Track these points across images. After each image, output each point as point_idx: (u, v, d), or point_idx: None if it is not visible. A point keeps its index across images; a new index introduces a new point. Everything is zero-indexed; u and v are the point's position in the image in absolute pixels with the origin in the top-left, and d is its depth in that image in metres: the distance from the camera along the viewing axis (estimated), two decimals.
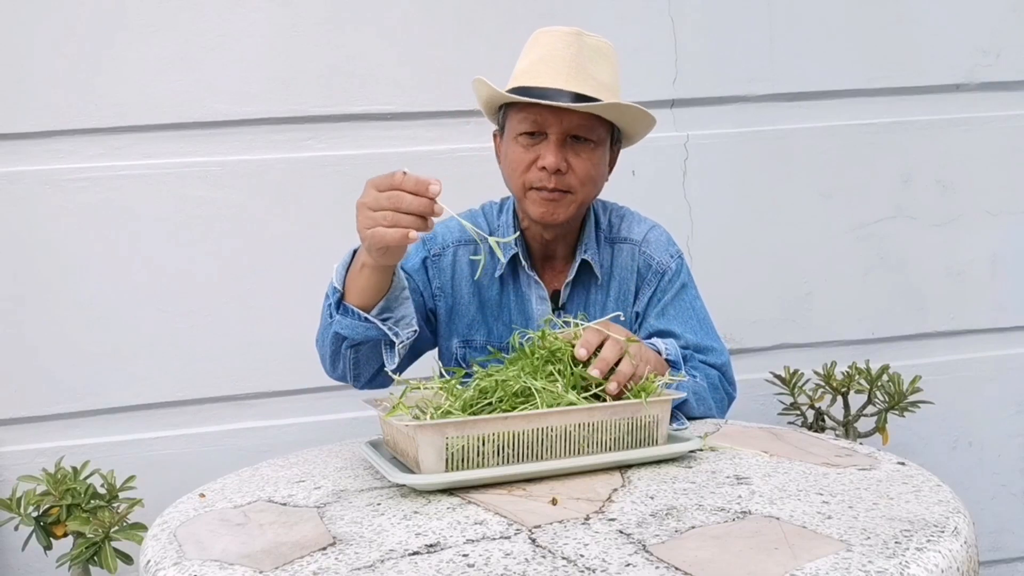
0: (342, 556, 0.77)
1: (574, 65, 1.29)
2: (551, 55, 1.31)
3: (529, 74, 1.32)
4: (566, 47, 1.30)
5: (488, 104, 1.40)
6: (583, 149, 1.33)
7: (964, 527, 0.79)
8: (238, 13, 1.87)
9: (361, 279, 1.18)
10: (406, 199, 1.06)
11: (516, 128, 1.34)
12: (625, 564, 0.72)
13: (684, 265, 1.46)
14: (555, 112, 1.29)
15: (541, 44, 1.34)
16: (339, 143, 1.93)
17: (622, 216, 1.49)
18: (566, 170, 1.31)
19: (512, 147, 1.35)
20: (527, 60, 1.35)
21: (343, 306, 1.21)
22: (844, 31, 2.09)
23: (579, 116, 1.30)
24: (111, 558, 1.38)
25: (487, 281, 1.44)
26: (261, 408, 1.93)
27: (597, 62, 1.32)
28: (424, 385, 1.11)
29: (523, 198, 1.36)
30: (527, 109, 1.31)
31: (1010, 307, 2.21)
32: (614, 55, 1.36)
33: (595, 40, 1.33)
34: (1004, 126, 2.17)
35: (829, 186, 2.12)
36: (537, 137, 1.32)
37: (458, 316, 1.45)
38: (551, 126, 1.30)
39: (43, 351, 1.84)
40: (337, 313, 1.22)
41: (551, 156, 1.30)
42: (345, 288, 1.21)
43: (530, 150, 1.33)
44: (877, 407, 1.84)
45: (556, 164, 1.30)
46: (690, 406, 1.30)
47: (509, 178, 1.38)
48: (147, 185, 1.86)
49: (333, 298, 1.22)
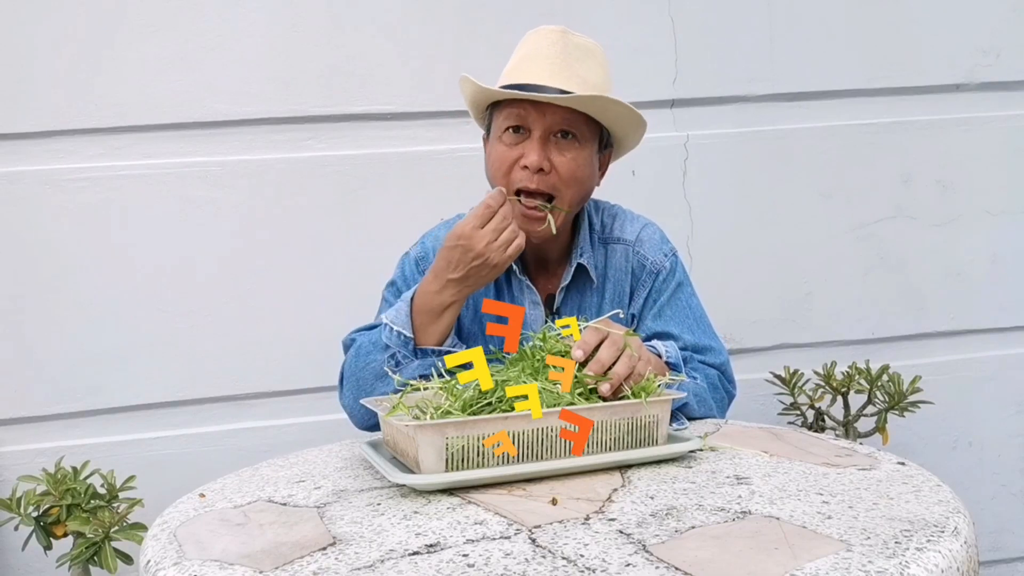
0: (342, 556, 0.77)
1: (559, 62, 1.29)
2: (536, 52, 1.31)
3: (515, 72, 1.32)
4: (550, 45, 1.30)
5: (474, 103, 1.39)
6: (567, 147, 1.31)
7: (964, 527, 0.79)
8: (238, 13, 1.87)
9: (447, 317, 1.28)
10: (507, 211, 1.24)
11: (501, 125, 1.33)
12: (625, 564, 0.72)
13: (679, 263, 1.45)
14: (538, 108, 1.28)
15: (528, 43, 1.34)
16: (339, 143, 1.93)
17: (614, 215, 1.47)
18: (549, 169, 1.30)
19: (495, 146, 1.34)
20: (513, 59, 1.35)
21: (420, 351, 1.28)
22: (844, 31, 2.09)
23: (562, 111, 1.28)
24: (111, 558, 1.38)
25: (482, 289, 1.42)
26: (261, 408, 1.93)
27: (583, 60, 1.31)
28: (424, 385, 1.11)
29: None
30: (511, 105, 1.30)
31: (1010, 307, 2.21)
32: (602, 55, 1.35)
33: (581, 39, 1.33)
34: (1004, 126, 2.17)
35: (829, 186, 2.12)
36: (521, 133, 1.31)
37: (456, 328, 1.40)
38: (534, 123, 1.29)
39: (43, 351, 1.84)
40: (417, 359, 1.27)
41: (533, 154, 1.28)
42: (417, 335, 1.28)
43: (513, 148, 1.31)
44: (877, 407, 1.84)
45: (539, 162, 1.28)
46: (691, 408, 1.30)
47: (493, 180, 1.36)
48: (147, 185, 1.86)
49: (404, 348, 1.27)
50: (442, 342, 1.28)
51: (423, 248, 1.45)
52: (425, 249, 1.45)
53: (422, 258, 1.44)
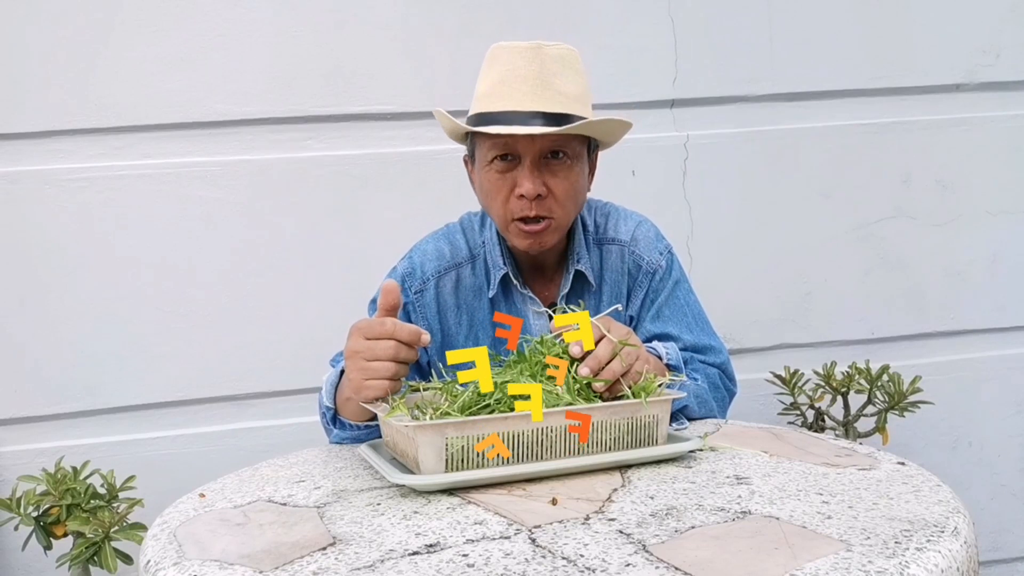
0: (342, 556, 0.77)
1: (538, 82, 1.22)
2: (512, 75, 1.23)
3: (491, 97, 1.24)
4: (527, 64, 1.23)
5: (453, 132, 1.35)
6: (560, 168, 1.26)
7: (964, 527, 0.79)
8: (238, 13, 1.87)
9: (351, 405, 1.14)
10: (403, 351, 1.05)
11: (487, 155, 1.27)
12: (625, 564, 0.72)
13: (675, 260, 1.43)
14: (526, 135, 1.21)
15: (501, 62, 1.25)
16: (339, 143, 1.93)
17: (607, 214, 1.44)
18: (546, 194, 1.25)
19: (486, 175, 1.28)
20: (487, 82, 1.27)
21: (339, 422, 1.22)
22: (844, 31, 2.09)
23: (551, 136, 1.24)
24: (111, 558, 1.38)
25: (476, 303, 1.39)
26: (261, 408, 1.93)
27: (561, 74, 1.24)
28: (424, 386, 1.11)
29: (506, 230, 1.31)
30: (495, 136, 1.23)
31: (1010, 307, 2.21)
32: (578, 61, 1.28)
33: (556, 50, 1.25)
34: (1004, 126, 2.17)
35: (829, 186, 2.12)
36: (511, 160, 1.26)
37: (449, 347, 1.38)
38: (524, 150, 1.24)
39: (43, 351, 1.84)
40: (335, 428, 1.23)
41: (528, 183, 1.23)
42: (337, 406, 1.20)
43: (505, 176, 1.26)
44: (877, 407, 1.84)
45: (535, 190, 1.23)
46: (691, 409, 1.30)
47: (489, 208, 1.32)
48: (147, 185, 1.86)
49: (328, 415, 1.22)
50: (363, 419, 1.18)
51: (410, 263, 1.39)
52: (412, 265, 1.39)
53: (409, 274, 1.38)
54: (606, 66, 1.98)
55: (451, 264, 1.39)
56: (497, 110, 1.23)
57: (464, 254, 1.40)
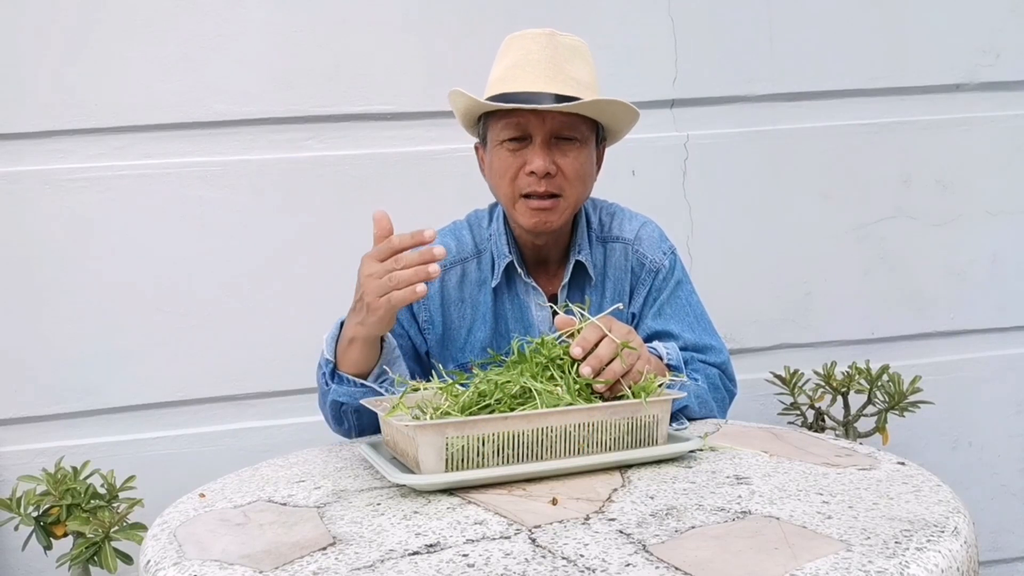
0: (342, 556, 0.77)
1: (551, 66, 1.27)
2: (526, 59, 1.29)
3: (506, 80, 1.29)
4: (541, 49, 1.28)
5: (467, 115, 1.38)
6: (570, 148, 1.31)
7: (964, 527, 0.79)
8: (238, 13, 1.87)
9: (353, 352, 1.20)
10: (406, 256, 1.10)
11: (499, 135, 1.31)
12: (625, 564, 0.72)
13: (678, 261, 1.45)
14: (538, 115, 1.27)
15: (515, 48, 1.31)
16: (339, 143, 1.93)
17: (612, 214, 1.47)
18: (555, 172, 1.29)
19: (497, 155, 1.33)
20: (501, 66, 1.32)
21: (338, 375, 1.23)
22: (844, 31, 2.09)
23: (563, 116, 1.28)
24: (111, 558, 1.38)
25: (479, 295, 1.41)
26: (261, 408, 1.93)
27: (573, 61, 1.30)
28: (424, 386, 1.11)
29: (513, 208, 1.34)
30: (509, 115, 1.29)
31: (1010, 307, 2.21)
32: (589, 53, 1.35)
33: (569, 39, 1.31)
34: (1004, 126, 2.17)
35: (829, 186, 2.12)
36: (522, 141, 1.30)
37: (450, 340, 1.41)
38: (535, 129, 1.28)
39: (43, 351, 1.84)
40: (333, 383, 1.24)
41: (539, 159, 1.28)
42: (337, 359, 1.23)
43: (516, 155, 1.30)
44: (877, 407, 1.84)
45: (545, 167, 1.28)
46: (691, 410, 1.30)
47: (497, 187, 1.35)
48: (147, 185, 1.86)
49: (327, 368, 1.24)
50: (362, 373, 1.22)
51: None
52: None
53: None
54: (606, 66, 1.97)
55: (457, 259, 1.42)
56: (511, 91, 1.28)
57: (470, 249, 1.43)
